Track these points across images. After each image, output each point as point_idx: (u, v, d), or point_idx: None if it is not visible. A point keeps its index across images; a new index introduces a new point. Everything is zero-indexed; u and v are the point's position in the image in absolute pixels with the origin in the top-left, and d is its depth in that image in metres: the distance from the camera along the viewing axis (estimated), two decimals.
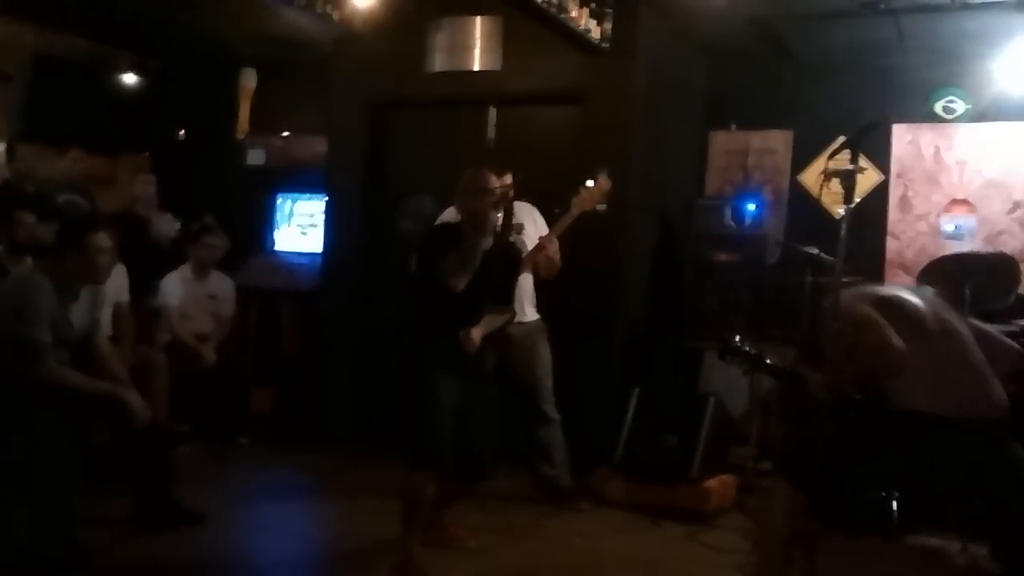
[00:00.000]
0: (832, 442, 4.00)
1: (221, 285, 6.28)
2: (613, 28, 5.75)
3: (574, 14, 5.53)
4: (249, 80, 7.58)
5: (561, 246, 4.82)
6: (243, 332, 6.69)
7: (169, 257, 6.28)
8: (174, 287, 6.05)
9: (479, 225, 3.85)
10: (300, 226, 7.50)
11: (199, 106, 7.67)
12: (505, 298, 4.08)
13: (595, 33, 5.69)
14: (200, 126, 7.80)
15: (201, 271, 6.17)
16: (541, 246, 4.81)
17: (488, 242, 3.89)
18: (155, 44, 7.39)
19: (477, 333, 3.87)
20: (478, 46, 6.28)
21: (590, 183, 4.91)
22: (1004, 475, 3.66)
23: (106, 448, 4.24)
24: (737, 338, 4.44)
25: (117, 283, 5.04)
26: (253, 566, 4.12)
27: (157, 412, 4.77)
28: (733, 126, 6.82)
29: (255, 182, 7.54)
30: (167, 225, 6.56)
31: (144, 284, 5.76)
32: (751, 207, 6.19)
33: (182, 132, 7.87)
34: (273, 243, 7.55)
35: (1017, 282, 5.33)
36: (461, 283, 3.78)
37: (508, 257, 4.12)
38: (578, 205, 4.83)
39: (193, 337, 5.95)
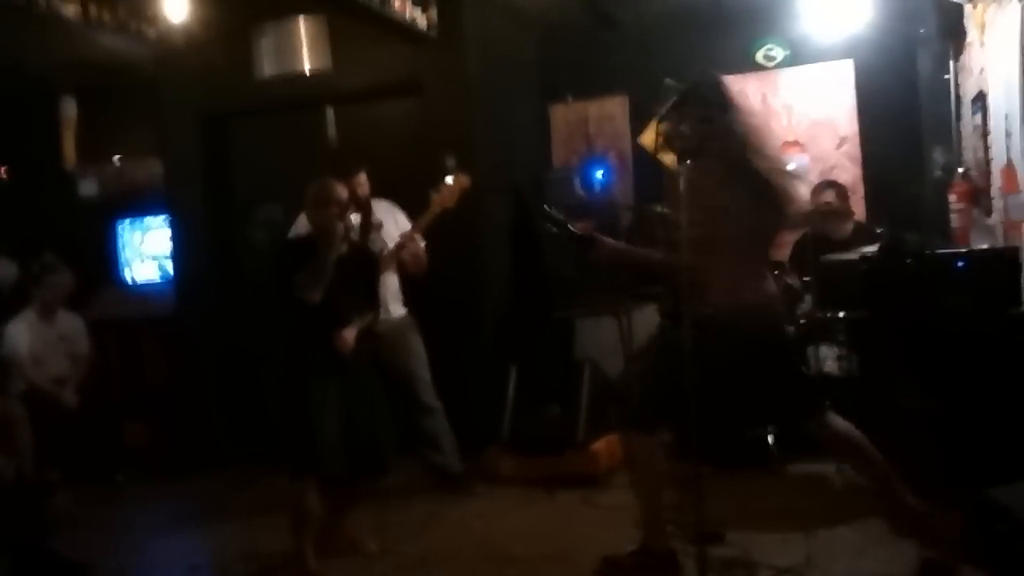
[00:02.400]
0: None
1: (71, 324, 6.02)
2: (439, 15, 5.77)
3: (397, 5, 5.50)
4: (70, 109, 7.26)
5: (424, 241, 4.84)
6: (104, 367, 6.42)
7: (9, 303, 5.97)
8: (21, 333, 5.75)
9: (327, 236, 3.83)
10: (155, 257, 7.25)
11: (20, 141, 7.28)
12: (369, 303, 4.08)
13: (421, 22, 5.69)
14: (24, 162, 7.41)
15: (47, 313, 5.89)
16: (402, 244, 4.79)
17: (342, 249, 3.87)
18: None
19: (350, 333, 3.87)
20: (305, 47, 6.16)
21: (449, 179, 4.90)
22: None
23: None
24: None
25: None
26: None
27: (22, 466, 4.54)
28: (569, 98, 6.94)
29: (92, 213, 7.24)
30: (3, 269, 6.23)
31: None
32: (598, 175, 6.33)
33: (4, 169, 7.47)
34: (121, 273, 7.26)
35: (850, 212, 5.66)
36: (317, 295, 3.78)
37: (364, 260, 4.13)
38: (438, 203, 4.83)
39: (50, 382, 5.69)
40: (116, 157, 7.34)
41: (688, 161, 3.48)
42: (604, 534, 4.23)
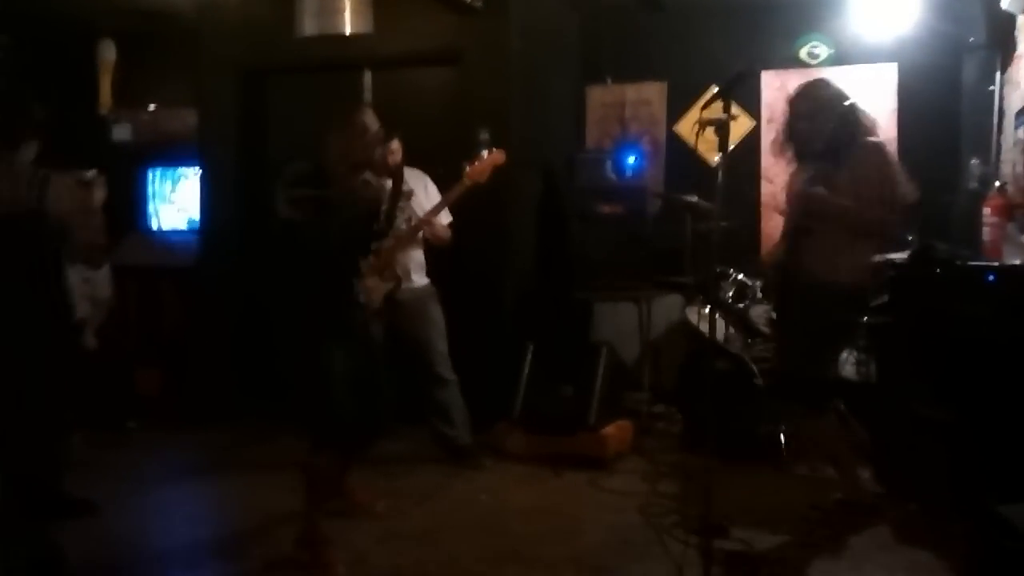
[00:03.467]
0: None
1: (100, 279, 6.02)
2: None
3: None
4: (109, 52, 7.24)
5: (451, 213, 4.83)
6: (123, 313, 6.45)
7: None
8: None
9: (344, 187, 3.78)
10: (182, 207, 7.27)
11: (56, 82, 7.29)
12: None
13: None
14: (59, 103, 7.42)
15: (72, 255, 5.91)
16: (427, 220, 4.78)
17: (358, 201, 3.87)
18: (5, 18, 6.98)
19: (373, 283, 3.88)
20: (348, 8, 6.14)
21: (484, 154, 4.87)
22: None
23: None
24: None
25: None
26: (153, 551, 4.02)
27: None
28: (608, 80, 6.90)
29: (123, 158, 7.24)
30: None
31: None
32: (630, 159, 6.29)
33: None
34: (148, 220, 7.29)
35: None
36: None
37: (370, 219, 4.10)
38: (470, 176, 4.78)
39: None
40: (151, 106, 7.33)
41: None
42: (608, 517, 4.25)
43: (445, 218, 4.95)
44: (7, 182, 3.70)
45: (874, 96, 6.28)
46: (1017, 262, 4.94)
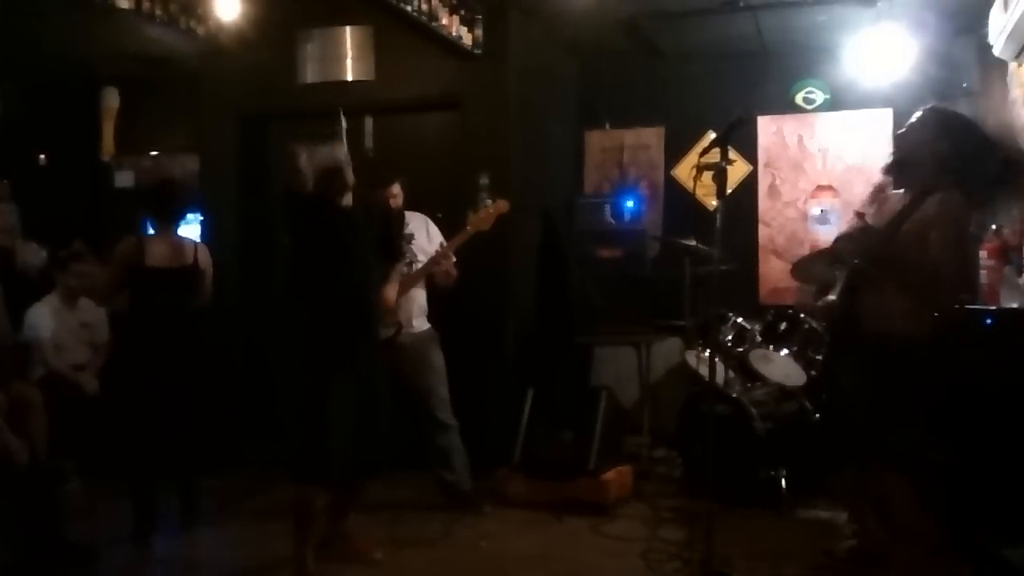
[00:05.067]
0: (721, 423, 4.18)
1: (93, 312, 6.06)
2: (484, 33, 5.81)
3: (445, 21, 5.56)
4: (111, 99, 7.32)
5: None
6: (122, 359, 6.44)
7: (37, 288, 6.01)
8: (44, 318, 5.80)
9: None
10: None
11: (60, 129, 7.36)
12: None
13: (467, 39, 5.74)
14: (63, 149, 7.50)
15: (71, 300, 5.94)
16: (435, 260, 4.82)
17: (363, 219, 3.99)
18: (9, 66, 7.06)
19: (391, 291, 3.92)
20: (349, 56, 6.25)
21: (488, 203, 4.92)
22: None
23: None
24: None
25: None
26: None
27: (36, 450, 4.57)
28: (607, 125, 6.97)
29: (125, 205, 7.28)
30: (32, 255, 6.28)
31: (11, 318, 5.49)
32: (629, 203, 6.33)
33: (43, 157, 7.55)
34: None
35: None
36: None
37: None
38: (474, 224, 4.84)
39: (70, 369, 5.73)
40: (153, 152, 7.39)
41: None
42: (610, 563, 4.23)
43: (449, 259, 4.97)
44: None
45: (869, 141, 6.36)
46: (1015, 305, 4.97)
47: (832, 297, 3.95)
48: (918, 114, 3.82)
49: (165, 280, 4.66)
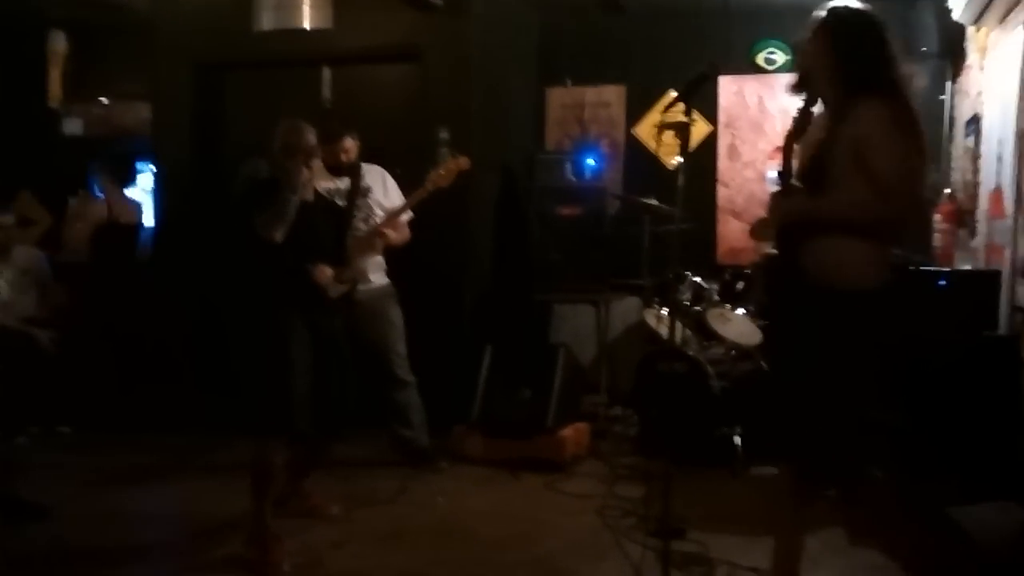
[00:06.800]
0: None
1: (27, 255, 5.87)
2: None
3: None
4: (59, 43, 7.11)
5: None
6: (74, 310, 6.31)
7: None
8: None
9: (290, 182, 3.76)
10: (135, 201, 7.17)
11: (5, 74, 7.14)
12: (335, 256, 4.03)
13: None
14: (7, 95, 7.27)
15: (2, 251, 5.73)
16: (389, 224, 4.74)
17: (307, 196, 3.85)
18: None
19: (326, 270, 3.86)
20: (307, 3, 6.09)
21: (448, 159, 4.84)
22: None
23: None
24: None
25: None
26: (103, 554, 3.93)
27: None
28: (568, 81, 6.91)
29: (74, 152, 7.11)
30: None
31: None
32: (590, 161, 6.32)
33: None
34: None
35: None
36: (278, 236, 3.73)
37: (332, 214, 4.13)
38: (433, 181, 4.74)
39: (21, 322, 5.59)
40: (103, 99, 7.20)
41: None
42: (565, 520, 4.26)
43: (405, 216, 4.91)
44: None
45: None
46: (968, 267, 5.06)
47: (770, 249, 3.33)
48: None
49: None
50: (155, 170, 6.51)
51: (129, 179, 7.36)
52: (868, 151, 2.73)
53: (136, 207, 7.19)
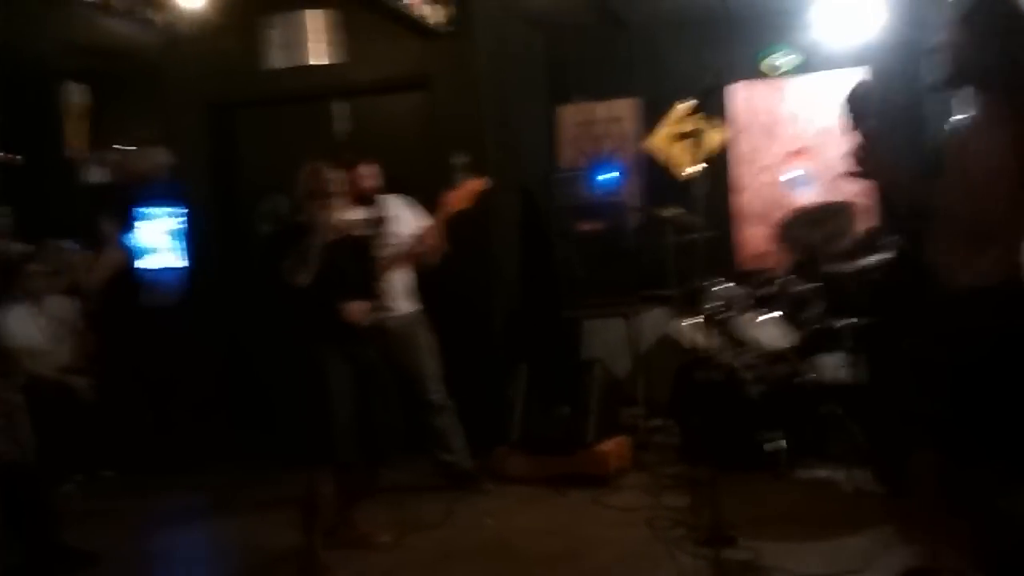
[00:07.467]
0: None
1: (59, 304, 5.89)
2: (450, 11, 5.76)
3: (409, 0, 5.51)
4: (73, 95, 7.16)
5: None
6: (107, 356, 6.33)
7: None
8: (11, 327, 5.57)
9: (314, 228, 3.84)
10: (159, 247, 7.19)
11: (24, 126, 7.17)
12: (363, 290, 4.07)
13: (432, 17, 5.69)
14: (29, 148, 7.30)
15: (35, 301, 5.72)
16: (419, 242, 4.77)
17: (330, 236, 3.89)
18: None
19: (357, 306, 3.89)
20: (315, 40, 6.18)
21: (466, 181, 4.87)
22: None
23: None
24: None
25: None
26: None
27: (24, 455, 4.49)
28: (577, 99, 6.94)
29: (99, 200, 7.14)
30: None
31: None
32: (607, 175, 6.32)
33: (19, 157, 7.36)
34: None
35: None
36: (303, 280, 3.79)
37: (356, 249, 4.16)
38: (452, 204, 4.77)
39: (58, 372, 5.60)
40: (119, 146, 7.25)
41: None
42: (615, 533, 4.25)
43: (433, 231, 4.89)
44: None
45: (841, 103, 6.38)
46: None
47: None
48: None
49: None
50: (184, 212, 6.55)
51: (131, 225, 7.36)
52: None
53: (131, 252, 7.18)
